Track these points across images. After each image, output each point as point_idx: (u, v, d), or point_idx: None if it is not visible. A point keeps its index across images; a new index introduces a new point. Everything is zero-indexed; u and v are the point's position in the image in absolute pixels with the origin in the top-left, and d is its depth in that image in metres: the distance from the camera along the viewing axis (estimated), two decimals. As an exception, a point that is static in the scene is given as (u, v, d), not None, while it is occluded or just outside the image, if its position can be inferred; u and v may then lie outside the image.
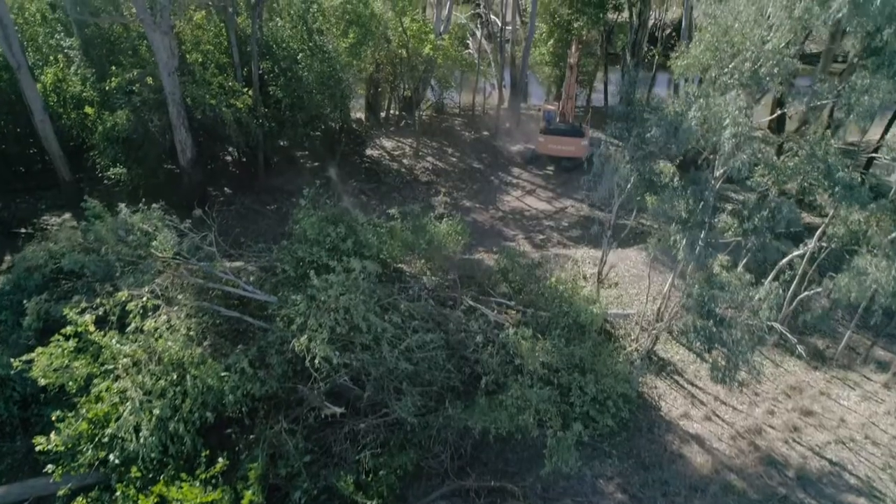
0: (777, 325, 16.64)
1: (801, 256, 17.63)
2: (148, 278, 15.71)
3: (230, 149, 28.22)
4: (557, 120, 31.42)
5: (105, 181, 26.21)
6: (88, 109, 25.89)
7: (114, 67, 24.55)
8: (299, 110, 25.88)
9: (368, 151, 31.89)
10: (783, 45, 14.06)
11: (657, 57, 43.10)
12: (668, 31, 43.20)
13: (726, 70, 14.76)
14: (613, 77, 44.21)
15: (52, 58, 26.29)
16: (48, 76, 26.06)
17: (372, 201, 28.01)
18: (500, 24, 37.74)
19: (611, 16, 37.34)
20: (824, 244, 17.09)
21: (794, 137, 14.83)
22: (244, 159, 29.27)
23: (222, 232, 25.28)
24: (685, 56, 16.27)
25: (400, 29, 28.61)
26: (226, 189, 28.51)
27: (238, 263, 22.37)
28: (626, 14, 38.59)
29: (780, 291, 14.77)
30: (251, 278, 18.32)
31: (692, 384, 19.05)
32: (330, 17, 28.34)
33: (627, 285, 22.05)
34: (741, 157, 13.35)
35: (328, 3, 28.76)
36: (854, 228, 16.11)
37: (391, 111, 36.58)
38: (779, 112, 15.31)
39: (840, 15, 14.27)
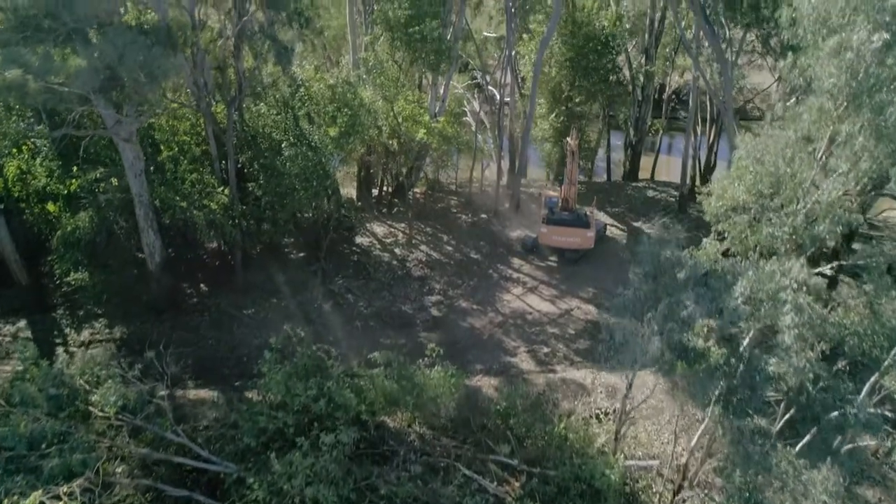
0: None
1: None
2: (76, 462, 13.16)
3: (205, 247, 26.00)
4: (560, 206, 29.38)
5: (68, 285, 23.96)
6: (51, 206, 23.80)
7: (76, 168, 22.48)
8: (280, 209, 23.77)
9: (358, 239, 29.74)
10: (842, 194, 11.92)
11: (661, 132, 41.63)
12: (672, 103, 41.83)
13: (773, 220, 12.61)
14: (615, 139, 42.67)
15: (14, 150, 24.27)
16: (11, 169, 24.01)
17: (360, 302, 25.67)
18: (498, 97, 36.11)
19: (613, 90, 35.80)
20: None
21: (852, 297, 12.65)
22: (223, 249, 27.10)
23: (191, 344, 23.04)
24: (721, 196, 14.16)
25: (391, 116, 26.74)
26: (202, 286, 26.19)
27: (203, 392, 19.98)
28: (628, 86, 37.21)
29: (841, 479, 12.25)
30: (209, 434, 15.84)
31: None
32: (318, 101, 26.53)
33: (645, 420, 19.57)
34: (807, 358, 10.98)
35: (316, 86, 27.04)
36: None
37: (384, 188, 34.62)
38: (830, 268, 13.25)
39: None
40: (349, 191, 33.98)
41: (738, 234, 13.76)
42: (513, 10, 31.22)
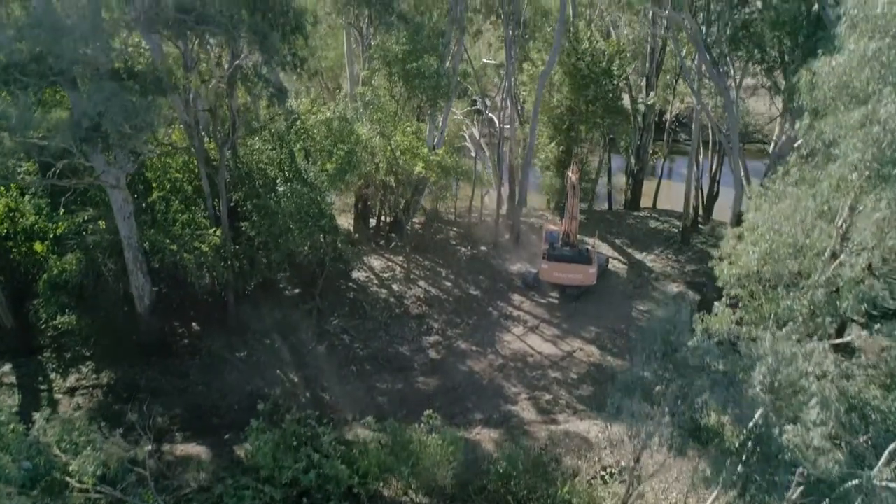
0: None
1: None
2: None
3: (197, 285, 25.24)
4: (561, 241, 28.73)
5: (55, 328, 23.22)
6: (38, 247, 23.12)
7: (63, 211, 21.79)
8: (274, 249, 23.06)
9: (355, 274, 29.01)
10: (866, 267, 11.23)
11: (664, 159, 41.10)
12: (673, 125, 41.28)
13: (792, 295, 11.91)
14: (616, 163, 42.08)
15: (2, 188, 23.58)
16: (-1, 207, 23.31)
17: (355, 343, 24.91)
18: (498, 123, 35.56)
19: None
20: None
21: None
22: (216, 286, 26.33)
23: (181, 390, 22.26)
24: (734, 263, 13.45)
25: (388, 151, 26.10)
26: (193, 324, 25.42)
27: (191, 447, 19.15)
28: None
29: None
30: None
31: None
32: (314, 135, 25.88)
33: (652, 479, 18.76)
34: (835, 459, 10.18)
35: (312, 118, 26.41)
36: None
37: (382, 219, 33.93)
38: (852, 338, 12.56)
39: None
40: (346, 221, 33.32)
41: (753, 303, 13.08)
42: (512, 39, 30.75)
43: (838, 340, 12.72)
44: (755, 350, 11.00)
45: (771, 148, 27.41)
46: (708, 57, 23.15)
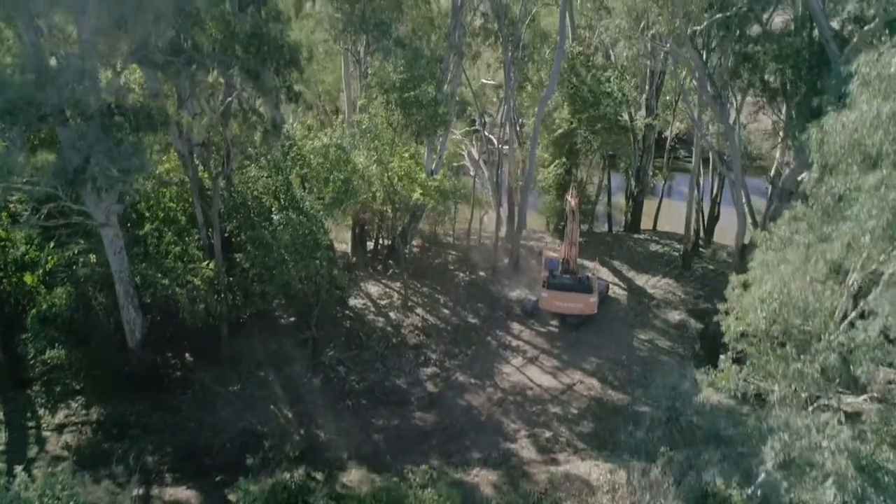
0: None
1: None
2: None
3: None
4: (560, 268, 28.32)
5: (44, 363, 22.70)
6: (28, 278, 22.61)
7: (53, 243, 21.34)
8: (269, 281, 22.61)
9: (352, 301, 28.56)
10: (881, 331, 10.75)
11: (665, 181, 40.79)
12: (673, 142, 40.86)
13: (803, 358, 11.46)
14: (616, 181, 41.73)
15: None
16: (-12, 237, 22.85)
17: (351, 376, 24.43)
18: (497, 143, 35.22)
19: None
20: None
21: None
22: (210, 317, 25.85)
23: (172, 426, 21.73)
24: (741, 320, 13.00)
25: (385, 178, 25.73)
26: (187, 355, 24.89)
27: (181, 491, 18.64)
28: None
29: None
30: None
31: None
32: (310, 162, 25.49)
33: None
34: None
35: (309, 145, 26.04)
36: None
37: (379, 242, 33.51)
38: (865, 399, 12.16)
39: None
40: (343, 244, 32.91)
41: (761, 360, 12.65)
42: (511, 62, 30.44)
43: (850, 399, 12.29)
44: (765, 420, 10.56)
45: (772, 172, 27.08)
46: (709, 88, 22.83)
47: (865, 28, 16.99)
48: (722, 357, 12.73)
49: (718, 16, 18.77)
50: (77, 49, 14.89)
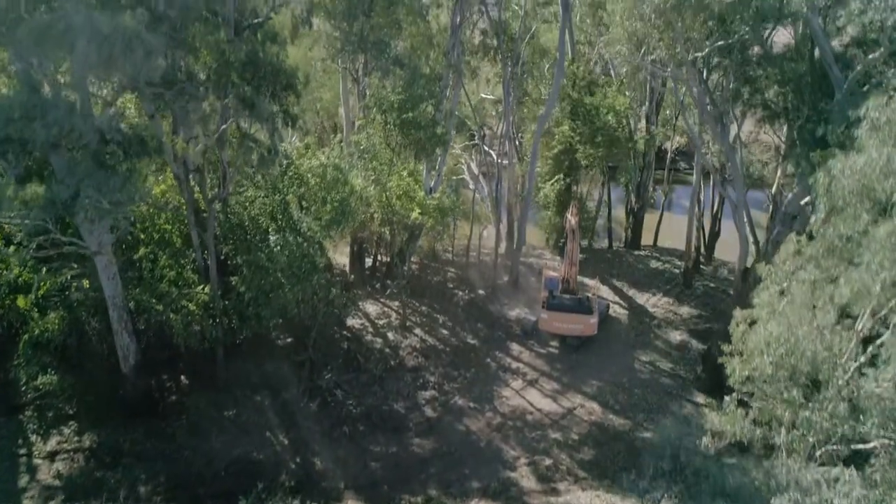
0: None
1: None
2: None
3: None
4: (560, 288, 28.02)
5: (37, 388, 22.36)
6: (21, 301, 22.28)
7: (44, 270, 21.02)
8: (265, 305, 22.28)
9: (350, 321, 28.24)
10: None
11: (665, 196, 40.57)
12: (673, 154, 40.60)
13: (811, 406, 11.17)
14: (616, 194, 41.42)
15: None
16: (-18, 259, 22.52)
17: (349, 400, 24.09)
18: (496, 158, 34.98)
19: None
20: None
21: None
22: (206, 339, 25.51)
23: (166, 454, 21.35)
24: (746, 363, 12.73)
25: (384, 199, 25.45)
26: (182, 378, 24.57)
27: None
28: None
29: None
30: None
31: None
32: (308, 181, 25.17)
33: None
34: None
35: (307, 163, 25.73)
36: None
37: (378, 259, 33.22)
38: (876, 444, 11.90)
39: None
40: (343, 256, 32.60)
41: (767, 404, 12.37)
42: (510, 78, 30.22)
43: (859, 446, 11.97)
44: (772, 473, 10.27)
45: (773, 190, 26.80)
46: (709, 108, 22.59)
47: (870, 56, 16.74)
48: (727, 399, 12.44)
49: (720, 42, 18.53)
50: (69, 79, 14.62)
